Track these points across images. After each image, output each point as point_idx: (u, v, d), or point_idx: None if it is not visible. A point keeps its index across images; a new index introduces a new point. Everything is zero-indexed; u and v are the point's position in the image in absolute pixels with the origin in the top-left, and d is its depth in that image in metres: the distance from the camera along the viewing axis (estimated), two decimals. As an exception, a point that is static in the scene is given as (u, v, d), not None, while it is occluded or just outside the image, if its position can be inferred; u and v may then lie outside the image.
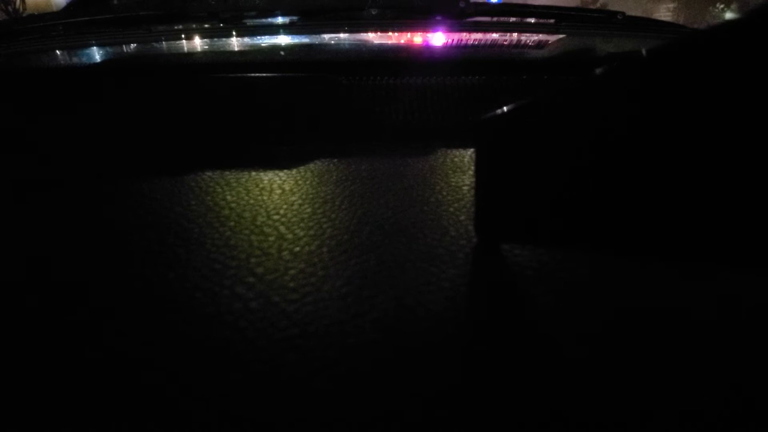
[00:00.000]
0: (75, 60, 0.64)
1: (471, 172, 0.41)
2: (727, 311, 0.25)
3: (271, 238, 0.31)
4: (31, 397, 0.20)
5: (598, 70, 0.19)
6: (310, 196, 0.38)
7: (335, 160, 0.45)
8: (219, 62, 0.61)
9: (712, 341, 0.23)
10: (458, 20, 0.79)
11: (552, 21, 0.85)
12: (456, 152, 0.46)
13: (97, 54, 0.67)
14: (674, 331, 0.23)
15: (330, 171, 0.42)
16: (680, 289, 0.26)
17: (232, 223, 0.33)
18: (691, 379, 0.21)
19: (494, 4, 1.16)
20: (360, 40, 0.75)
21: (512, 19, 0.88)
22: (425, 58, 0.64)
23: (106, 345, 0.23)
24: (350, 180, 0.40)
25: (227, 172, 0.42)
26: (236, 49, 0.70)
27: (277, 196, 0.38)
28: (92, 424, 0.19)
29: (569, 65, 0.62)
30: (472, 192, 0.37)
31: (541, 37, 0.81)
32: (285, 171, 0.42)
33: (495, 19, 0.86)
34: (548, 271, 0.28)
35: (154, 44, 0.70)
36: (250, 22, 0.77)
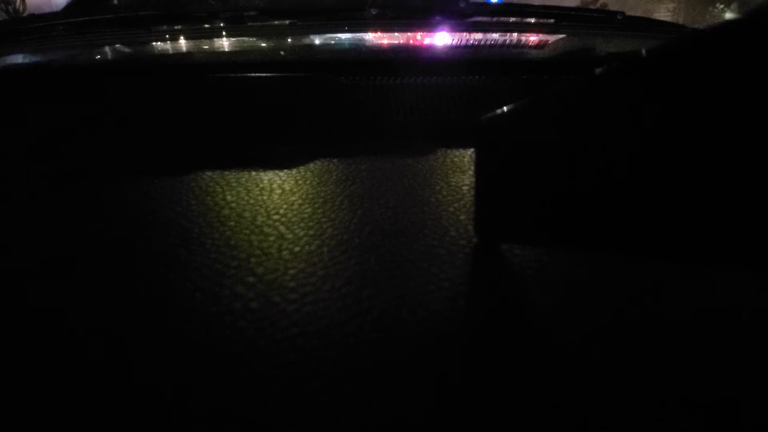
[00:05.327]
0: (75, 60, 0.64)
1: (471, 172, 0.41)
2: (726, 311, 0.25)
3: (271, 238, 0.31)
4: (30, 397, 0.20)
5: (598, 70, 0.19)
6: (310, 196, 0.38)
7: (335, 160, 0.45)
8: (219, 62, 0.61)
9: (712, 341, 0.23)
10: (458, 20, 0.79)
11: (552, 21, 0.86)
12: (456, 152, 0.46)
13: (97, 54, 0.67)
14: (674, 331, 0.23)
15: (330, 171, 0.42)
16: (680, 289, 0.26)
17: (232, 223, 0.33)
18: (691, 379, 0.21)
19: (494, 4, 1.16)
20: (360, 40, 0.75)
21: (512, 19, 0.88)
22: (425, 58, 0.64)
23: (106, 345, 0.23)
24: (350, 180, 0.40)
25: (227, 172, 0.42)
26: (236, 49, 0.70)
27: (277, 196, 0.38)
28: (92, 424, 0.19)
29: (569, 65, 0.62)
30: (472, 192, 0.37)
31: (541, 37, 0.81)
32: (285, 171, 0.42)
33: (495, 19, 0.86)
34: (548, 271, 0.28)
35: (154, 44, 0.70)
36: (250, 22, 0.77)
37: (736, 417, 0.19)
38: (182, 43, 0.71)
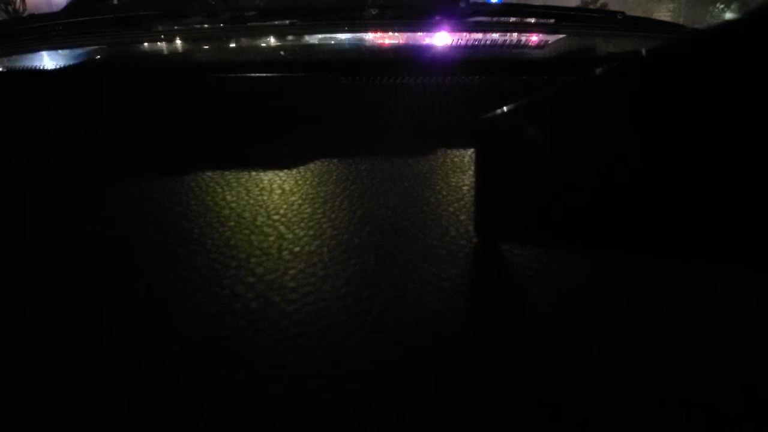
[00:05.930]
0: (75, 60, 0.64)
1: (471, 172, 0.41)
2: (726, 311, 0.25)
3: (271, 238, 0.31)
4: (30, 397, 0.20)
5: (598, 70, 0.19)
6: (310, 196, 0.38)
7: (335, 160, 0.45)
8: (219, 62, 0.61)
9: (712, 341, 0.23)
10: (458, 20, 0.79)
11: (552, 21, 0.86)
12: (456, 152, 0.46)
13: (97, 54, 0.67)
14: (674, 331, 0.23)
15: (330, 171, 0.42)
16: (680, 289, 0.26)
17: (232, 223, 0.33)
18: (691, 379, 0.21)
19: (494, 4, 1.16)
20: (360, 40, 0.75)
21: (512, 19, 0.88)
22: (425, 58, 0.64)
23: (106, 345, 0.23)
24: (350, 180, 0.40)
25: (227, 172, 0.42)
26: (236, 49, 0.70)
27: (277, 196, 0.38)
28: (92, 424, 0.19)
29: (569, 65, 0.62)
30: (472, 192, 0.37)
31: (541, 37, 0.81)
32: (285, 171, 0.42)
33: (495, 19, 0.86)
34: (548, 271, 0.28)
35: (154, 44, 0.70)
36: (250, 22, 0.77)
37: (736, 417, 0.19)
38: (182, 43, 0.71)
